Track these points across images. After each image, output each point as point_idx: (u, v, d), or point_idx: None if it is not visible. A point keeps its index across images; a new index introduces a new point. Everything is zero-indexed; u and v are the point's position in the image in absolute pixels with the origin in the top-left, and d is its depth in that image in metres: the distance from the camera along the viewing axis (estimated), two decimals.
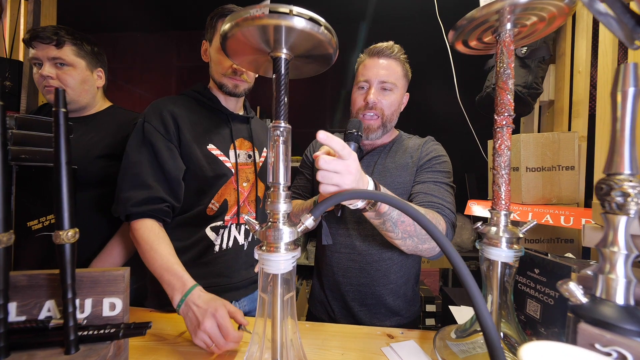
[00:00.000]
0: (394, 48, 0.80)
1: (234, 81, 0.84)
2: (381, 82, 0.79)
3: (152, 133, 0.77)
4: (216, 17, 0.81)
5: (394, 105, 0.81)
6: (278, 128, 0.43)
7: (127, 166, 0.76)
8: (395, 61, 0.80)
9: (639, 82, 0.34)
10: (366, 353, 0.61)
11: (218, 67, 0.83)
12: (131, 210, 0.72)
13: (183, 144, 0.79)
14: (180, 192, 0.79)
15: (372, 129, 0.81)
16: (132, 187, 0.74)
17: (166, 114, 0.79)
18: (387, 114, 0.80)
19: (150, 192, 0.74)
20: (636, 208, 0.32)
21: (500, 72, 0.53)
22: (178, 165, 0.78)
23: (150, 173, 0.75)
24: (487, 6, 0.49)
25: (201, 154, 0.80)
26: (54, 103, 0.40)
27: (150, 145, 0.76)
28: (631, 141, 0.34)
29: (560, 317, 0.60)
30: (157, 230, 0.73)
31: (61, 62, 0.89)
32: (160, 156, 0.76)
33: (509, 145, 0.53)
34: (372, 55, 0.81)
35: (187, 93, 0.88)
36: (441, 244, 0.35)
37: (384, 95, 0.80)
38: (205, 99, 0.86)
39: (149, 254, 0.69)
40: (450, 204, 0.74)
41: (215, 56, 0.83)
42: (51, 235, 0.41)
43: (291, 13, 0.36)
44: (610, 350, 0.30)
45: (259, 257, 0.43)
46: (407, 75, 0.84)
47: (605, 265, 0.34)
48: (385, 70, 0.79)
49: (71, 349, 0.41)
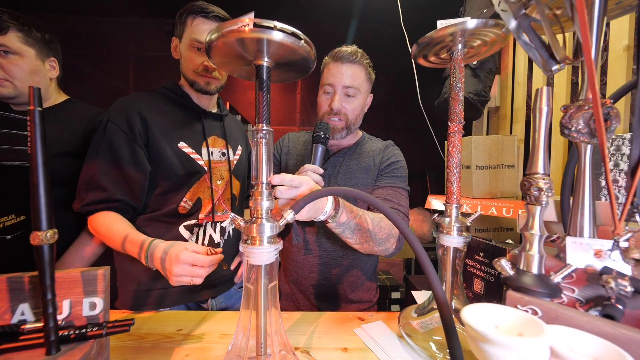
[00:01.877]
0: (357, 53, 0.84)
1: (205, 79, 0.83)
2: (345, 88, 0.83)
3: (115, 133, 0.75)
4: (185, 13, 0.80)
5: (357, 109, 0.87)
6: (261, 131, 0.47)
7: (86, 166, 0.76)
8: (359, 66, 0.84)
9: (550, 102, 0.43)
10: (341, 335, 0.67)
11: (189, 64, 0.82)
12: (86, 209, 0.75)
13: (151, 143, 0.78)
14: (141, 192, 0.79)
15: (337, 130, 0.87)
16: (88, 188, 0.75)
17: (133, 113, 0.77)
18: (351, 117, 0.86)
19: (105, 194, 0.74)
20: (546, 200, 0.42)
21: (453, 85, 0.62)
22: (140, 166, 0.77)
23: (108, 175, 0.75)
24: (443, 29, 0.57)
25: (172, 152, 0.79)
26: (29, 101, 0.39)
27: (111, 145, 0.75)
28: (544, 148, 0.44)
29: (499, 292, 0.72)
30: (112, 215, 0.75)
31: (5, 49, 0.81)
32: (121, 158, 0.75)
33: (460, 148, 0.62)
34: (336, 60, 0.84)
35: (157, 90, 0.85)
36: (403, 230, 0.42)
37: (347, 101, 0.84)
38: (177, 96, 0.85)
39: (108, 235, 0.72)
40: (404, 207, 0.84)
41: (186, 53, 0.82)
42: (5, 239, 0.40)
43: (275, 28, 0.40)
44: (527, 308, 0.40)
45: (244, 250, 0.46)
46: (370, 78, 0.90)
47: (526, 245, 0.44)
48: (348, 76, 0.83)
49: (52, 350, 0.41)
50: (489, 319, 0.32)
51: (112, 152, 0.75)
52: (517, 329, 0.30)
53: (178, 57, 0.86)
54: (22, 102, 0.87)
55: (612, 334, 0.32)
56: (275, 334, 0.50)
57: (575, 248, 0.42)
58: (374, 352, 0.61)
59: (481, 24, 0.55)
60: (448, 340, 0.37)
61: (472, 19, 0.56)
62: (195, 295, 0.84)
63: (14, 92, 0.83)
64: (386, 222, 0.75)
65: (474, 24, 0.55)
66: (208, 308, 0.88)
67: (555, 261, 0.45)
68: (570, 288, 0.43)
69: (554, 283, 0.41)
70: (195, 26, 0.79)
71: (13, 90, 0.83)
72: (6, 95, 0.83)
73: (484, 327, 0.28)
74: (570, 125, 0.44)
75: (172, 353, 0.59)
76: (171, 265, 0.62)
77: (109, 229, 0.72)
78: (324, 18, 2.36)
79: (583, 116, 0.42)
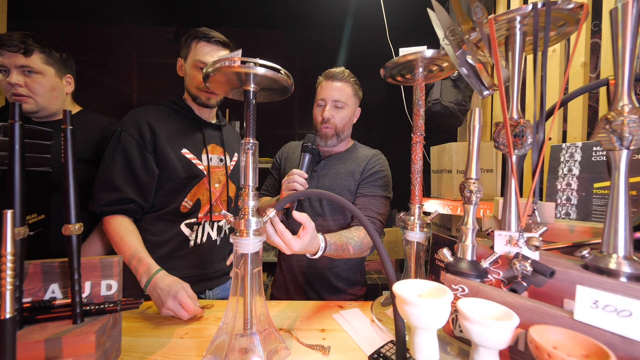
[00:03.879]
0: (345, 73, 0.99)
1: (207, 94, 0.95)
2: (334, 101, 0.98)
3: (128, 141, 0.86)
4: (190, 37, 0.92)
5: (345, 119, 1.00)
6: (248, 143, 0.57)
7: (102, 169, 0.86)
8: (346, 83, 0.98)
9: (481, 121, 0.54)
10: (320, 319, 0.77)
11: (193, 81, 0.94)
12: (103, 209, 0.83)
13: (159, 149, 0.89)
14: (149, 194, 0.89)
15: (328, 137, 1.00)
16: (105, 189, 0.84)
17: (143, 123, 0.88)
18: (339, 126, 0.99)
19: (120, 194, 0.84)
20: (476, 200, 0.52)
21: (415, 102, 0.72)
22: (150, 170, 0.87)
23: (122, 177, 0.85)
24: (404, 56, 0.68)
25: (175, 158, 0.90)
26: (64, 121, 0.50)
27: (125, 152, 0.86)
28: (477, 157, 0.54)
29: None
30: (126, 224, 0.84)
31: (29, 69, 0.91)
32: (132, 162, 0.86)
33: (421, 157, 0.72)
34: (327, 79, 0.99)
35: (164, 103, 0.97)
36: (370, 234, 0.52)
37: (336, 112, 0.98)
38: (181, 109, 0.96)
39: (119, 245, 0.80)
40: (381, 214, 0.96)
41: (190, 72, 0.94)
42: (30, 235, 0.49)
43: (257, 64, 0.50)
44: (459, 287, 0.49)
45: (234, 241, 0.56)
46: (357, 94, 1.03)
47: (463, 237, 0.54)
48: (337, 92, 0.97)
49: (77, 320, 0.51)
50: (414, 290, 0.41)
51: (126, 157, 0.85)
52: (433, 294, 0.40)
53: (182, 75, 0.98)
54: (41, 116, 0.97)
55: (512, 302, 0.42)
56: (260, 315, 0.60)
57: (499, 239, 0.52)
58: (347, 332, 0.71)
59: (436, 53, 0.66)
60: (393, 308, 0.47)
61: (429, 49, 0.66)
62: (194, 287, 0.94)
63: (36, 107, 0.94)
64: (366, 240, 0.88)
65: (430, 53, 0.66)
66: (205, 298, 0.98)
67: (487, 250, 0.55)
68: (496, 272, 0.52)
69: (482, 267, 0.51)
70: (199, 49, 0.91)
71: (35, 106, 0.93)
72: (29, 110, 0.93)
73: (405, 293, 0.38)
74: (498, 139, 0.54)
75: (173, 332, 0.69)
76: (167, 297, 0.72)
77: (122, 240, 0.80)
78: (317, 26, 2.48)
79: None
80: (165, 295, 0.72)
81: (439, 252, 0.54)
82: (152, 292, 0.75)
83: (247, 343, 0.56)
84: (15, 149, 0.47)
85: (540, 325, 0.36)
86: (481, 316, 0.38)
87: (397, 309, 0.47)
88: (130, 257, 0.78)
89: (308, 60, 2.63)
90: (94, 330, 0.49)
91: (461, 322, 0.39)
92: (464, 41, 0.55)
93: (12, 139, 0.46)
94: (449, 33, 0.55)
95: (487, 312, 0.41)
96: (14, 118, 0.47)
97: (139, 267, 0.77)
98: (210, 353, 0.56)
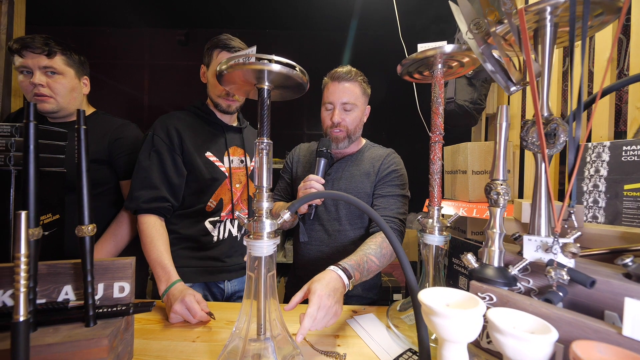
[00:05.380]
0: (352, 72, 0.94)
1: (227, 102, 0.98)
2: (343, 104, 0.93)
3: (160, 144, 0.91)
4: (212, 46, 0.94)
5: (356, 120, 0.96)
6: (262, 143, 0.55)
7: (139, 170, 0.90)
8: (353, 83, 0.94)
9: (509, 119, 0.50)
10: (335, 324, 0.74)
11: (214, 89, 0.97)
12: (141, 206, 0.87)
13: (185, 153, 0.93)
14: (180, 193, 0.94)
15: (340, 140, 0.97)
16: (143, 187, 0.89)
17: (171, 128, 0.93)
18: (351, 128, 0.96)
19: (156, 192, 0.88)
20: (504, 202, 0.49)
21: (434, 100, 0.69)
22: (180, 171, 0.92)
23: (157, 177, 0.89)
24: (424, 52, 0.65)
25: (200, 161, 0.95)
26: (77, 121, 0.49)
27: (157, 154, 0.91)
28: (504, 157, 0.51)
29: None
30: (158, 227, 0.87)
31: (52, 70, 0.94)
32: (165, 163, 0.90)
33: (440, 157, 0.69)
34: (334, 80, 0.94)
35: (188, 108, 1.01)
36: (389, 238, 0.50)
37: (346, 115, 0.94)
38: (204, 114, 1.00)
39: (149, 246, 0.84)
40: (401, 214, 0.93)
41: (211, 80, 0.97)
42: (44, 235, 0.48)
43: (272, 61, 0.48)
44: (485, 295, 0.46)
45: (247, 244, 0.55)
46: (366, 92, 0.99)
47: (489, 241, 0.51)
48: (345, 94, 0.93)
49: (90, 323, 0.50)
50: (441, 299, 0.39)
51: (159, 159, 0.90)
52: (462, 305, 0.37)
53: (205, 82, 1.01)
54: (60, 116, 0.99)
55: (547, 314, 0.39)
56: (274, 320, 0.58)
57: (528, 244, 0.48)
58: (362, 338, 0.68)
59: (456, 48, 0.63)
60: (416, 317, 0.44)
61: (449, 44, 0.63)
62: (214, 277, 0.98)
63: (56, 107, 0.96)
64: (385, 244, 0.83)
65: (450, 49, 0.63)
66: (224, 288, 1.01)
67: (515, 256, 0.52)
68: (526, 279, 0.49)
69: (510, 274, 0.48)
70: (219, 58, 0.93)
71: (56, 106, 0.96)
72: (49, 110, 0.95)
73: (432, 302, 0.35)
74: (527, 138, 0.51)
75: (185, 335, 0.68)
76: (175, 302, 0.73)
77: (151, 242, 0.84)
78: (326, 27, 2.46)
79: (537, 130, 0.49)
80: (174, 299, 0.74)
81: (463, 257, 0.51)
82: (166, 300, 0.77)
83: (260, 349, 0.54)
84: (29, 149, 0.46)
85: (585, 341, 0.33)
86: (514, 328, 0.35)
87: (420, 319, 0.44)
88: (155, 261, 0.82)
89: (318, 60, 2.62)
90: (106, 334, 0.48)
91: (492, 334, 0.36)
92: (489, 34, 0.52)
93: (27, 139, 0.46)
94: (473, 26, 0.52)
95: (520, 324, 0.38)
96: (28, 118, 0.46)
97: (162, 274, 0.80)
98: (224, 358, 0.54)
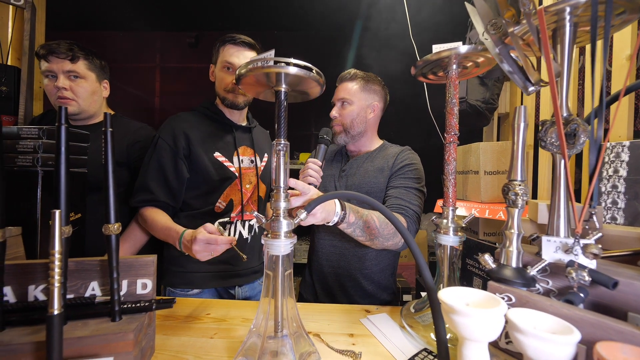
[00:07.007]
0: (351, 72, 1.01)
1: (234, 95, 0.98)
2: (340, 100, 1.01)
3: (163, 147, 0.94)
4: (219, 43, 0.97)
5: (352, 114, 0.99)
6: (280, 144, 0.56)
7: (141, 172, 0.95)
8: (351, 81, 1.00)
9: (527, 119, 0.50)
10: (348, 323, 0.75)
11: (221, 83, 0.98)
12: (139, 204, 0.93)
13: (193, 154, 0.95)
14: (179, 196, 0.96)
15: (337, 133, 1.02)
16: (141, 190, 0.93)
17: (178, 130, 0.95)
18: (347, 122, 1.00)
19: (153, 196, 0.92)
20: (522, 203, 0.49)
21: (448, 101, 0.69)
22: (180, 176, 0.94)
23: (155, 180, 0.93)
24: (438, 53, 0.65)
25: (208, 161, 0.96)
26: (104, 124, 0.51)
27: (159, 158, 0.93)
28: (522, 158, 0.50)
29: None
30: (155, 210, 0.92)
31: (75, 74, 0.98)
32: (165, 168, 0.93)
33: (455, 157, 0.69)
34: (338, 83, 1.04)
35: (197, 109, 1.03)
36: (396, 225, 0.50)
37: (343, 109, 1.01)
38: (212, 113, 1.01)
39: (153, 225, 0.89)
40: (416, 205, 0.91)
41: (219, 74, 0.98)
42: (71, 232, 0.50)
43: (291, 64, 0.50)
44: (504, 295, 0.46)
45: (265, 243, 0.56)
46: (367, 88, 1.00)
47: (507, 242, 0.51)
48: (343, 91, 1.01)
49: (116, 318, 0.52)
50: (461, 298, 0.39)
51: (159, 163, 0.93)
52: (482, 304, 0.37)
53: (214, 80, 1.02)
54: (80, 118, 1.03)
55: (569, 314, 0.39)
56: (291, 318, 0.59)
57: (548, 245, 0.48)
58: (377, 338, 0.68)
59: (472, 49, 0.63)
60: (434, 316, 0.45)
61: (464, 45, 0.63)
62: (225, 282, 0.99)
63: (78, 109, 1.00)
64: (390, 226, 0.82)
65: (466, 49, 0.63)
66: (234, 294, 1.01)
67: (533, 257, 0.51)
68: (545, 280, 0.49)
69: (529, 275, 0.48)
70: (225, 51, 0.96)
71: (77, 109, 1.00)
72: (71, 112, 0.99)
73: (453, 302, 0.35)
74: (546, 138, 0.51)
75: (202, 332, 0.70)
76: (192, 244, 0.74)
77: (153, 220, 0.89)
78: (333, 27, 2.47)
79: (556, 131, 0.49)
80: (190, 243, 0.75)
81: (480, 257, 0.51)
82: (186, 250, 0.79)
83: (278, 346, 0.56)
84: (61, 151, 0.48)
85: (609, 342, 0.33)
86: (535, 328, 0.35)
87: (439, 319, 0.44)
88: (162, 230, 0.86)
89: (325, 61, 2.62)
90: (132, 328, 0.50)
91: (512, 334, 0.36)
92: (507, 35, 0.52)
93: (59, 141, 0.48)
94: (491, 27, 0.52)
95: (541, 325, 0.38)
96: (60, 121, 0.49)
97: (171, 234, 0.83)
98: (242, 355, 0.56)
